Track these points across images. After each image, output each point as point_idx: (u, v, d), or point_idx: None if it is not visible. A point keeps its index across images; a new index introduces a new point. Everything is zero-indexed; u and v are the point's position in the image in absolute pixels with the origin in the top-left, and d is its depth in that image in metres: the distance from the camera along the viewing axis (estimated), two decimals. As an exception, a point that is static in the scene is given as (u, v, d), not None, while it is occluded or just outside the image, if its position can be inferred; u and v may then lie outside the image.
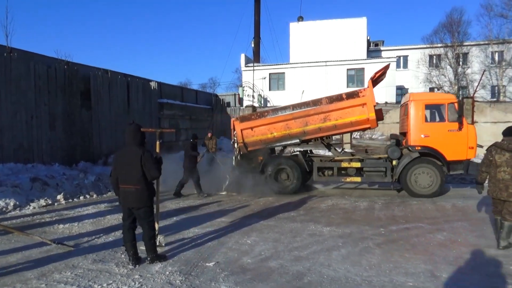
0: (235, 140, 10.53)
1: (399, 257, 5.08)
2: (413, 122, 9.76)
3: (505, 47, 27.22)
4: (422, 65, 31.46)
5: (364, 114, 9.76)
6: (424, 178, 9.57)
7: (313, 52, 29.80)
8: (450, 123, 9.57)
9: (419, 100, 9.84)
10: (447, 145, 9.58)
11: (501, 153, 5.46)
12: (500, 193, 5.42)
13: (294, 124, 10.18)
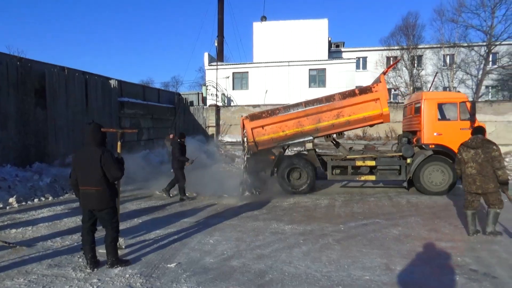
0: (245, 139, 10.26)
1: (357, 252, 5.28)
2: (426, 120, 9.96)
3: (455, 51, 28.77)
4: (380, 66, 32.57)
5: (377, 109, 9.74)
6: (437, 175, 9.81)
7: (277, 52, 30.11)
8: (462, 122, 9.81)
9: (432, 99, 10.08)
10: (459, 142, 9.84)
11: (467, 150, 6.06)
12: (470, 186, 6.00)
13: (306, 121, 9.99)
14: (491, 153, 5.78)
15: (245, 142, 10.23)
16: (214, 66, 28.21)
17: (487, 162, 5.81)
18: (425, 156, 9.80)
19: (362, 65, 35.63)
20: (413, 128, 10.68)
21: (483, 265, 4.74)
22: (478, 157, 5.90)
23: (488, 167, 5.81)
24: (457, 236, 6.03)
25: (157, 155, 15.92)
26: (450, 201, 8.86)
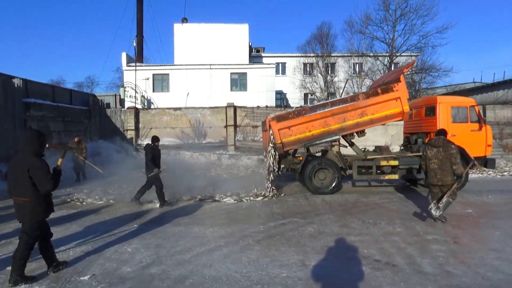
0: (272, 140, 10.08)
1: (276, 251, 5.51)
2: (441, 122, 10.78)
3: (363, 60, 31.32)
4: (297, 72, 34.17)
5: (398, 108, 10.18)
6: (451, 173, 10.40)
7: (198, 55, 29.93)
8: (472, 124, 10.86)
9: (446, 103, 11.01)
10: (470, 143, 10.74)
11: (431, 149, 7.13)
12: (432, 179, 7.09)
13: (332, 120, 10.16)
14: (449, 151, 6.86)
15: (271, 143, 10.11)
16: (132, 67, 27.11)
17: (446, 158, 6.89)
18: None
19: (281, 70, 36.96)
20: (423, 130, 11.46)
21: (385, 255, 5.27)
22: (440, 154, 6.95)
23: (447, 163, 6.89)
24: (364, 230, 6.59)
25: (70, 160, 14.83)
26: (359, 198, 9.64)
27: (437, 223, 6.99)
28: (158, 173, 8.85)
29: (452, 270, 4.71)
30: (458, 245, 5.70)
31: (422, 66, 29.61)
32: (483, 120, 11.22)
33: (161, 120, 20.76)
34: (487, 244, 5.73)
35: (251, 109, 20.76)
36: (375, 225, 6.92)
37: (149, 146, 9.00)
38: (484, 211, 8.00)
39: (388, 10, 28.92)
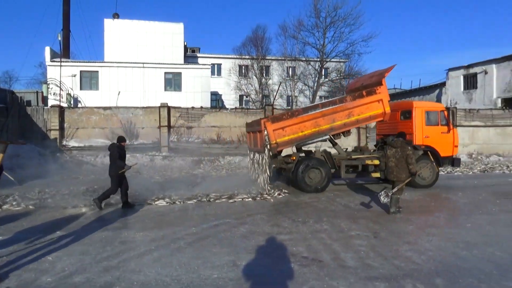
0: (267, 141, 10.28)
1: (208, 252, 5.52)
2: (417, 125, 11.75)
3: (296, 64, 32.46)
4: (233, 73, 34.39)
5: (380, 109, 11.07)
6: (426, 171, 11.53)
7: (131, 52, 28.81)
8: (442, 127, 11.95)
9: (421, 107, 12.00)
10: (441, 144, 11.89)
11: (390, 149, 8.04)
12: (389, 175, 8.05)
13: (322, 121, 10.72)
14: (406, 152, 7.83)
15: (266, 143, 10.32)
16: (57, 63, 25.34)
17: (402, 158, 7.82)
18: (418, 155, 11.14)
19: (217, 71, 36.93)
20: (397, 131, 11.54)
21: (312, 252, 5.53)
22: (397, 154, 7.90)
23: (403, 162, 7.83)
24: (294, 229, 6.85)
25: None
26: (290, 198, 9.98)
27: (360, 219, 7.49)
28: (128, 169, 8.74)
29: (372, 262, 5.08)
30: (377, 240, 6.16)
31: (349, 72, 31.43)
32: (451, 123, 12.48)
33: (89, 120, 19.64)
34: (402, 238, 6.26)
35: (186, 109, 20.48)
36: (304, 224, 7.22)
37: (115, 145, 8.78)
38: (403, 207, 8.70)
39: (319, 17, 30.32)
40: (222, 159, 18.64)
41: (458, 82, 33.06)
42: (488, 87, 29.71)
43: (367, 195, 10.32)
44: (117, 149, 8.64)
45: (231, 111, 21.48)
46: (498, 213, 8.07)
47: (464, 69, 32.60)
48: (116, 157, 8.54)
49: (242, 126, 20.45)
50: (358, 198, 9.97)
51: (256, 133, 11.34)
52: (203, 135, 20.19)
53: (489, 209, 8.46)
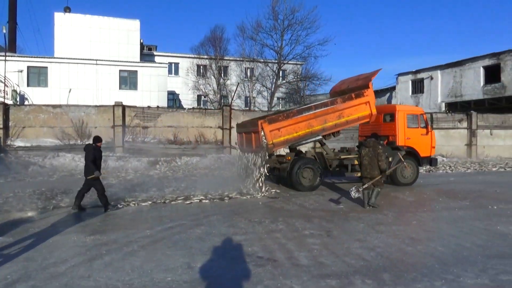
0: (264, 141, 10.54)
1: (162, 255, 5.43)
2: (400, 127, 12.46)
3: (254, 65, 32.69)
4: (191, 73, 34.00)
5: (367, 111, 11.71)
6: (407, 170, 12.45)
7: (83, 49, 27.67)
8: (421, 129, 12.81)
9: (403, 111, 12.80)
10: (420, 145, 12.76)
11: (364, 148, 8.86)
12: (364, 172, 8.87)
13: (315, 122, 11.15)
14: (377, 151, 8.61)
15: (263, 144, 10.59)
16: (2, 57, 23.79)
17: (374, 157, 8.58)
18: (400, 155, 11.62)
19: (174, 70, 36.34)
20: (382, 133, 12.42)
21: (267, 252, 5.61)
22: (370, 153, 8.67)
23: (375, 160, 8.59)
24: (250, 229, 6.91)
25: None
26: (246, 199, 10.04)
27: (314, 219, 7.70)
28: (98, 176, 8.41)
29: (324, 260, 5.24)
30: (330, 238, 6.36)
31: (306, 74, 32.10)
32: (429, 126, 13.36)
33: (37, 118, 18.60)
34: (353, 235, 6.50)
35: (142, 109, 19.97)
36: (260, 224, 7.30)
37: (91, 146, 8.53)
38: (353, 206, 9.05)
39: (277, 19, 30.73)
40: (179, 159, 18.35)
41: (406, 87, 34.83)
42: (433, 92, 31.53)
43: (324, 194, 10.61)
44: (92, 151, 8.37)
45: (189, 111, 21.23)
46: (441, 210, 8.60)
47: (412, 75, 34.41)
48: (90, 159, 8.27)
49: (200, 126, 20.36)
50: (313, 198, 10.22)
51: (251, 134, 11.49)
52: (160, 135, 19.80)
53: (433, 207, 9.00)
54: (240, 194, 10.46)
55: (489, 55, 28.09)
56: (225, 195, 10.23)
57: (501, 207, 8.88)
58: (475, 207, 8.98)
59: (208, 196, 10.07)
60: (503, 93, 26.59)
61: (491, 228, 6.95)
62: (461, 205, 9.21)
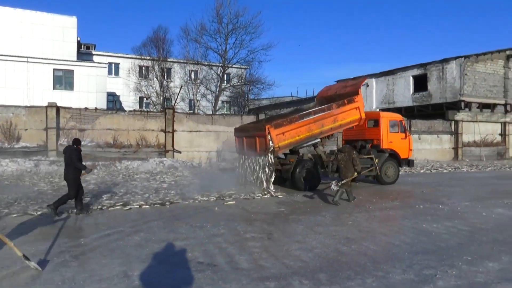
0: (271, 145, 11.27)
1: (96, 264, 5.19)
2: (383, 132, 13.85)
3: (199, 68, 32.41)
4: (132, 74, 32.92)
5: (357, 115, 12.83)
6: (391, 171, 13.85)
7: (12, 45, 25.74)
8: (401, 134, 14.36)
9: (386, 117, 14.24)
10: (400, 148, 14.23)
11: (340, 153, 10.20)
12: (340, 175, 10.30)
13: (314, 126, 12.08)
14: (351, 156, 9.89)
15: (270, 147, 11.29)
16: None
17: (349, 161, 9.84)
18: (385, 157, 13.49)
19: (114, 71, 35.02)
20: (366, 137, 14.20)
21: (208, 257, 5.58)
22: (345, 157, 9.91)
23: (350, 164, 9.84)
24: (191, 234, 6.82)
25: None
26: (188, 204, 9.91)
27: (256, 222, 7.81)
28: (90, 172, 8.84)
29: (264, 263, 5.32)
30: (270, 241, 6.48)
31: (250, 79, 32.47)
32: (407, 131, 15.05)
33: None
34: (292, 237, 6.69)
35: (78, 110, 18.95)
36: (201, 228, 7.24)
37: (72, 148, 8.55)
38: (294, 209, 9.31)
39: (221, 23, 30.80)
40: (118, 163, 17.67)
41: (345, 93, 36.42)
42: (369, 98, 33.36)
43: (264, 198, 10.78)
44: (75, 152, 8.42)
45: (129, 113, 20.53)
46: (374, 211, 9.13)
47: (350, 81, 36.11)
48: (76, 160, 8.31)
49: (142, 129, 19.74)
50: (255, 201, 10.34)
51: (254, 138, 12.17)
52: (98, 139, 18.91)
53: (367, 207, 9.52)
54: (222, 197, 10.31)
55: (417, 65, 30.39)
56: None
57: (427, 206, 9.63)
58: (404, 207, 9.65)
59: (148, 202, 9.81)
60: (429, 101, 28.87)
61: (418, 226, 7.50)
62: (392, 205, 9.85)
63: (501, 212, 8.87)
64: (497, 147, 28.68)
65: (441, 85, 28.48)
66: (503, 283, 4.61)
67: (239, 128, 14.18)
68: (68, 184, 8.35)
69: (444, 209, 9.34)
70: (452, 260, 5.42)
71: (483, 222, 7.85)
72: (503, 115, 29.59)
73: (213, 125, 21.35)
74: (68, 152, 8.41)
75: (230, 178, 13.07)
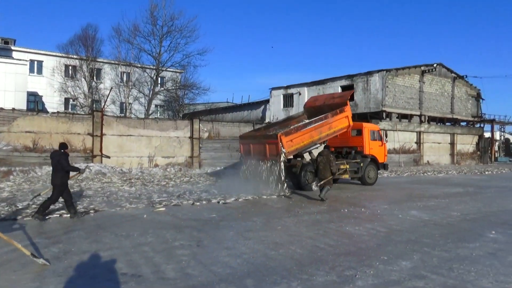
0: (283, 150, 12.70)
1: (5, 281, 4.74)
2: (366, 140, 16.28)
3: (131, 70, 31.18)
4: (57, 73, 30.78)
5: (347, 123, 14.90)
6: (372, 173, 16.27)
7: None
8: (378, 141, 16.88)
9: (368, 127, 16.82)
10: (379, 154, 16.71)
11: (319, 156, 11.77)
12: (319, 175, 11.71)
13: (315, 133, 13.83)
14: (329, 158, 11.55)
15: (282, 153, 12.72)
16: None
17: (327, 163, 11.44)
18: (368, 161, 15.93)
19: (37, 69, 32.49)
20: (350, 144, 16.47)
21: (132, 267, 5.35)
22: (324, 160, 11.51)
23: (327, 166, 11.46)
24: (116, 244, 6.51)
25: None
26: (115, 211, 9.46)
27: (186, 229, 7.68)
28: (83, 172, 9.18)
29: (191, 271, 5.23)
30: (200, 248, 6.40)
31: (185, 83, 32.00)
32: (383, 139, 17.32)
33: None
34: (222, 244, 6.67)
35: (-9, 111, 17.23)
36: (127, 238, 6.94)
37: (60, 153, 8.57)
38: (225, 215, 9.30)
39: (156, 25, 29.99)
40: (39, 169, 16.36)
41: (279, 100, 37.54)
42: (301, 107, 34.58)
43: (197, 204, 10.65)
44: (63, 156, 8.47)
45: (53, 115, 19.13)
46: (302, 215, 9.45)
47: (284, 89, 37.29)
48: (66, 165, 8.40)
49: (66, 132, 18.47)
50: (186, 208, 10.18)
51: (263, 144, 13.72)
52: (15, 142, 17.35)
53: (296, 212, 9.83)
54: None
55: (345, 76, 32.24)
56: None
57: (351, 210, 10.20)
58: (330, 210, 10.12)
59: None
60: (356, 110, 30.71)
61: (341, 229, 7.90)
62: (319, 209, 10.28)
63: (415, 214, 9.67)
64: (413, 154, 31.33)
65: (366, 96, 30.48)
66: (414, 280, 5.01)
67: (245, 136, 15.99)
68: (54, 189, 8.41)
69: (366, 212, 9.97)
70: (370, 260, 5.78)
71: (399, 224, 8.50)
72: (419, 125, 32.43)
73: (145, 129, 20.67)
74: (56, 158, 8.41)
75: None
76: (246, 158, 14.77)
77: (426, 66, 33.30)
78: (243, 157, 15.13)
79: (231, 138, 22.83)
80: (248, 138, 15.34)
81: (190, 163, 21.81)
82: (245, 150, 15.08)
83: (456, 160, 35.46)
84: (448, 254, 6.12)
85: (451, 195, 13.48)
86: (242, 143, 15.43)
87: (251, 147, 14.58)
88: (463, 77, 37.30)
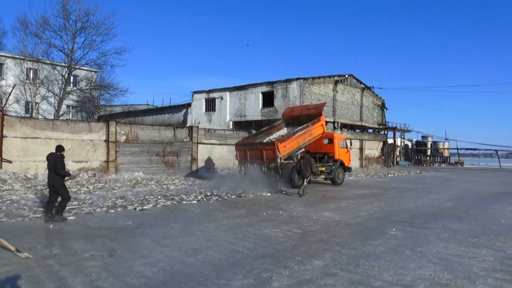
0: (279, 155, 15.61)
1: None
2: (336, 147, 19.62)
3: (39, 66, 28.50)
4: None
5: (322, 130, 18.18)
6: (341, 175, 19.36)
7: None
8: (345, 149, 20.43)
9: (337, 137, 20.34)
10: (345, 159, 20.18)
11: (302, 159, 14.37)
12: (301, 174, 14.41)
13: (300, 139, 16.75)
14: (310, 161, 14.26)
15: (278, 157, 15.56)
16: None
17: (308, 165, 14.14)
18: (338, 165, 19.15)
19: None
20: (322, 150, 19.48)
21: (33, 284, 4.87)
22: (305, 162, 14.12)
23: (308, 167, 14.14)
24: (14, 259, 5.88)
25: None
26: (15, 222, 8.56)
27: (97, 238, 7.22)
28: (74, 178, 9.45)
29: (102, 284, 4.93)
30: (112, 258, 6.06)
31: (101, 83, 30.21)
32: (348, 146, 20.89)
33: None
34: (137, 252, 6.40)
35: None
36: (29, 251, 6.29)
37: (56, 155, 8.68)
38: (142, 222, 8.95)
39: (68, 19, 27.93)
40: None
41: (201, 104, 37.29)
42: (223, 111, 34.86)
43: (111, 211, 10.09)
44: (59, 159, 8.57)
45: None
46: (222, 220, 9.47)
47: (206, 93, 37.15)
48: (60, 167, 8.45)
49: None
50: (99, 215, 9.59)
51: (260, 150, 16.51)
52: None
53: (216, 217, 9.82)
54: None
55: (266, 83, 33.22)
56: None
57: (270, 213, 10.49)
58: (250, 214, 10.30)
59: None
60: (275, 116, 31.79)
61: (260, 232, 8.08)
62: (239, 213, 10.40)
63: (327, 215, 10.28)
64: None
65: (285, 102, 31.70)
66: (325, 278, 5.31)
67: (241, 143, 18.57)
68: (58, 190, 8.61)
69: (283, 214, 10.33)
70: (286, 261, 5.99)
71: (313, 224, 8.96)
72: (332, 131, 34.61)
73: (54, 131, 19.03)
74: (53, 160, 8.53)
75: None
76: (242, 162, 17.68)
77: (339, 76, 35.75)
78: (239, 161, 18.01)
79: (151, 141, 22.11)
80: (244, 145, 18.13)
81: (106, 168, 20.61)
82: (241, 156, 17.77)
83: (364, 164, 38.54)
84: (356, 252, 6.61)
85: (360, 197, 14.62)
86: (238, 150, 18.06)
87: (247, 152, 17.29)
88: (370, 88, 40.81)
